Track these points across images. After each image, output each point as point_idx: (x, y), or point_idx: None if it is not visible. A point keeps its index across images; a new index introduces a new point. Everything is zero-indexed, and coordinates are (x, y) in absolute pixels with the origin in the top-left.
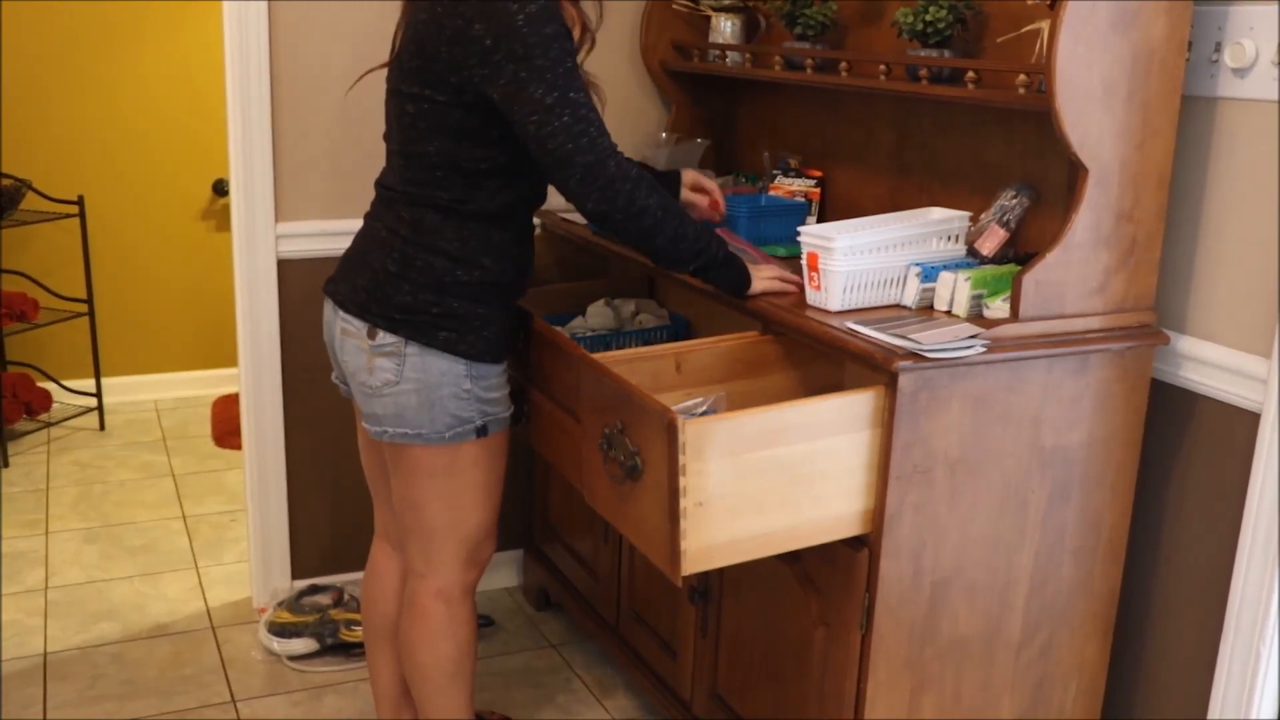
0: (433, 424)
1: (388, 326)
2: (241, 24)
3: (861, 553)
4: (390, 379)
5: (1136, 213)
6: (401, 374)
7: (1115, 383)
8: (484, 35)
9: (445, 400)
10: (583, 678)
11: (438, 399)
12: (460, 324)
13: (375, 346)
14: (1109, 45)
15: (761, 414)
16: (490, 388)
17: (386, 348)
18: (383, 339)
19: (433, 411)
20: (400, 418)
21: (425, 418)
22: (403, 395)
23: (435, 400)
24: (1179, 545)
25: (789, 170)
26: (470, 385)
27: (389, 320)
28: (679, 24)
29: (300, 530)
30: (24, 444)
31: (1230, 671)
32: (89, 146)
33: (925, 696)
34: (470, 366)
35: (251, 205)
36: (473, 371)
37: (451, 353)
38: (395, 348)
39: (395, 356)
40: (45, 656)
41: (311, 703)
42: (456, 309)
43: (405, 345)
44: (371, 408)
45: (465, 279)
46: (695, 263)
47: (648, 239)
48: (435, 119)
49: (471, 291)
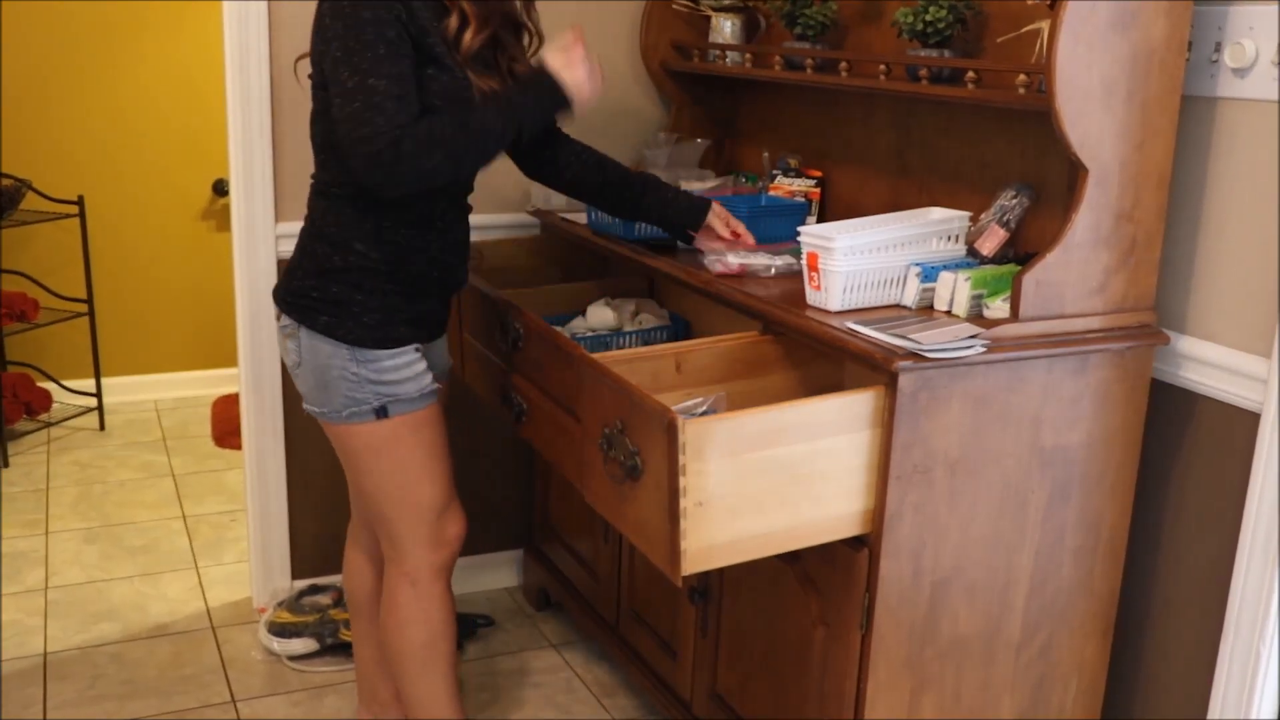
0: (330, 403)
1: (283, 309)
2: (241, 24)
3: (861, 553)
4: (294, 359)
5: (1136, 213)
6: (300, 355)
7: (1115, 383)
8: (325, 13)
9: (335, 381)
10: (583, 678)
11: (329, 380)
12: (338, 309)
13: (280, 328)
14: (1109, 45)
15: (761, 414)
16: (382, 370)
17: (286, 329)
18: (283, 321)
19: (327, 392)
20: (309, 396)
21: (323, 397)
22: (304, 375)
23: (328, 381)
24: (1179, 545)
25: (789, 170)
26: (357, 369)
27: (284, 303)
28: (679, 24)
29: (300, 530)
30: (24, 444)
31: (1230, 671)
32: (89, 146)
33: (925, 696)
34: (352, 351)
35: (251, 205)
36: (356, 355)
37: (330, 337)
38: (290, 330)
39: (293, 339)
40: (45, 656)
41: (311, 703)
42: (335, 294)
43: (297, 328)
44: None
45: (340, 264)
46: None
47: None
48: (316, 101)
49: (348, 277)
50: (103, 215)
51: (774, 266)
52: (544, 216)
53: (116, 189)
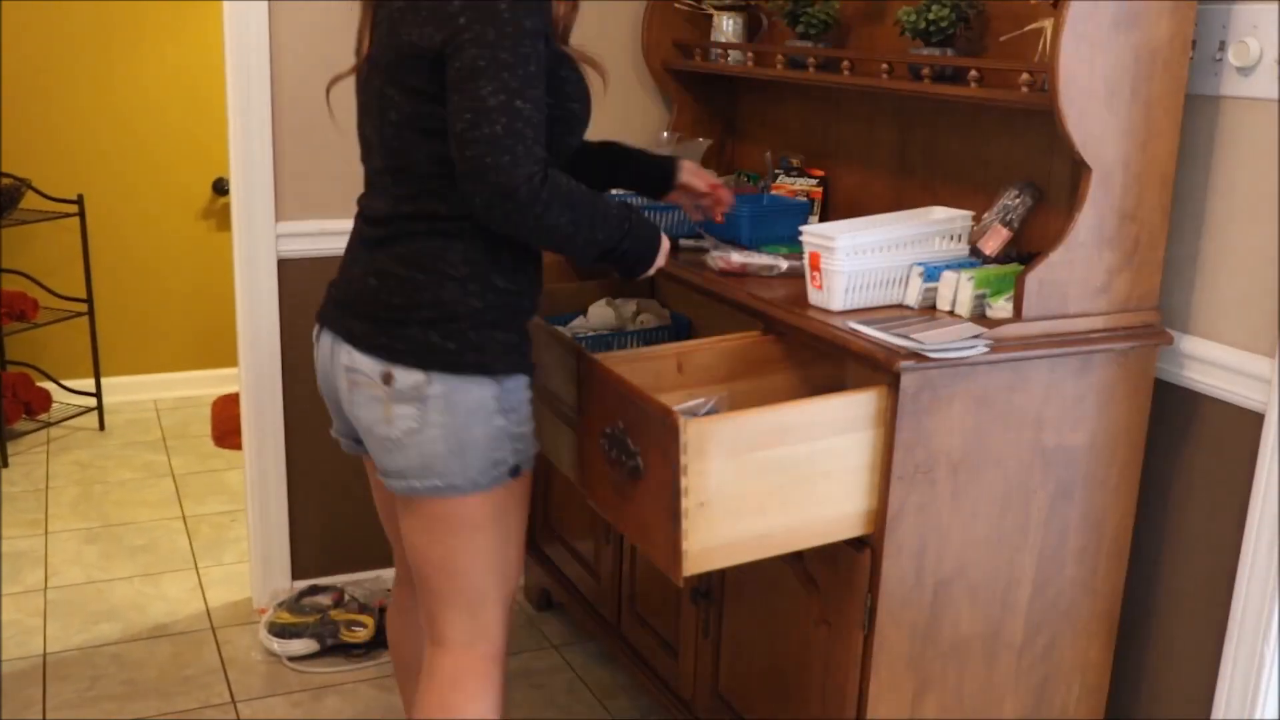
0: (464, 471)
1: (403, 363)
2: (242, 24)
3: (863, 553)
4: (411, 425)
5: (1140, 212)
6: (424, 419)
7: (1118, 383)
8: (460, 12)
9: (476, 442)
10: (584, 678)
11: (468, 441)
12: (480, 352)
13: (389, 393)
14: (1112, 44)
15: (763, 414)
16: (520, 420)
17: (404, 393)
18: (399, 383)
19: (463, 458)
20: (430, 466)
21: (456, 465)
22: (427, 443)
23: (465, 443)
24: (1182, 546)
25: (791, 169)
26: (503, 421)
27: (405, 357)
28: (681, 23)
29: (300, 530)
30: (24, 444)
31: (1234, 672)
32: (89, 146)
33: (927, 697)
34: (500, 391)
35: (252, 204)
36: (504, 402)
37: (483, 375)
38: (411, 391)
39: (413, 401)
40: (45, 657)
41: (312, 703)
42: (474, 339)
43: (426, 383)
44: (393, 462)
45: (478, 305)
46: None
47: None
48: (423, 118)
49: (488, 316)
50: (102, 214)
51: (776, 268)
52: None
53: (116, 188)
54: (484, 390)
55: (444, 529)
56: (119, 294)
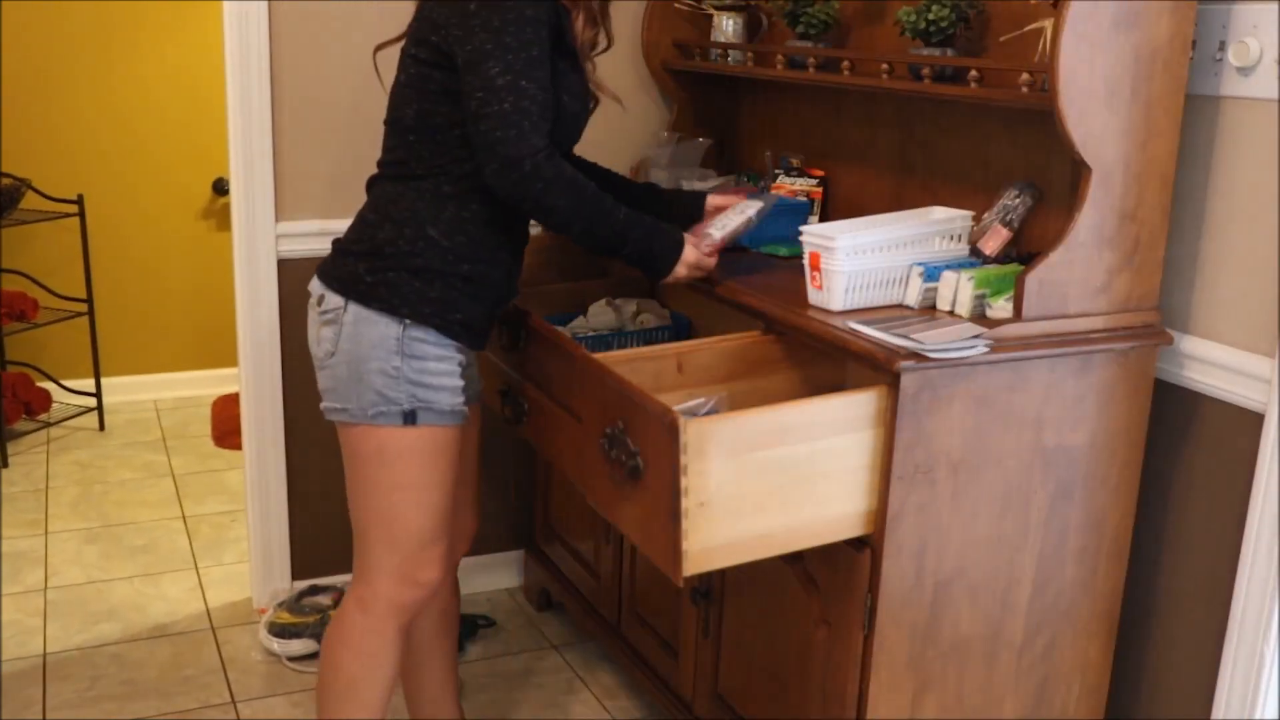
0: (358, 399)
1: (331, 288)
2: (242, 24)
3: (863, 553)
4: (328, 349)
5: (1140, 212)
6: (337, 344)
7: (1118, 383)
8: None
9: (371, 375)
10: (584, 678)
11: (364, 373)
12: (393, 291)
13: (320, 314)
14: (1112, 44)
15: (763, 414)
16: (424, 370)
17: (327, 315)
18: (325, 305)
19: (359, 386)
20: (334, 391)
21: (352, 392)
22: (335, 367)
23: (362, 374)
24: (1182, 546)
25: (791, 169)
26: (399, 363)
27: (333, 282)
28: (681, 23)
29: (300, 531)
30: (24, 444)
31: (1234, 672)
32: (89, 146)
33: (927, 697)
34: (404, 333)
35: (252, 204)
36: (405, 347)
37: (385, 313)
38: (333, 314)
39: (332, 324)
40: (45, 657)
41: (312, 703)
42: (391, 278)
43: (342, 310)
44: (319, 381)
45: (406, 249)
46: (613, 253)
47: (560, 230)
48: (419, 81)
49: (412, 262)
50: (102, 215)
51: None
52: None
53: (116, 188)
54: (387, 329)
55: (348, 459)
56: (119, 294)
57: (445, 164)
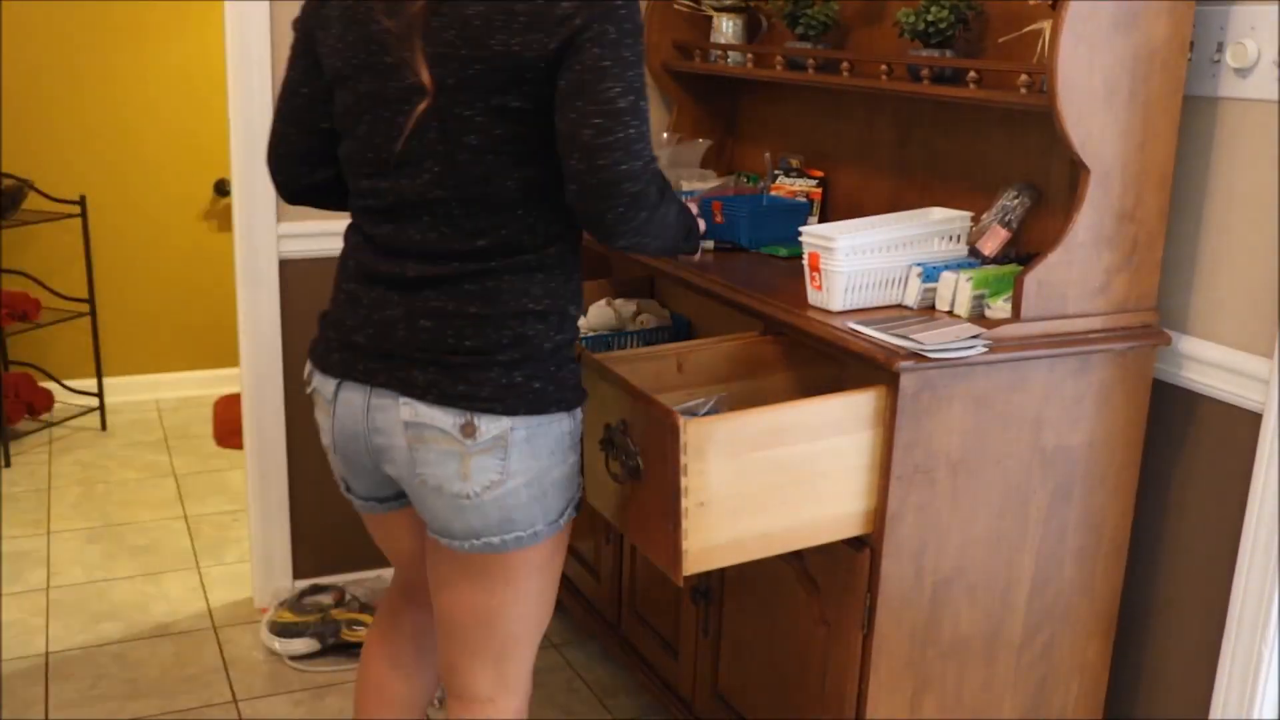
0: (547, 515)
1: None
2: (242, 24)
3: (863, 553)
4: (494, 478)
5: (1138, 213)
6: (508, 469)
7: (1117, 383)
8: (574, 12)
9: (559, 482)
10: (584, 677)
11: (551, 483)
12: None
13: (469, 449)
14: (1111, 45)
15: (763, 414)
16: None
17: (484, 444)
18: (485, 433)
19: (545, 502)
20: (515, 519)
21: (540, 510)
22: (510, 494)
23: (547, 486)
24: (1180, 546)
25: (790, 170)
26: (575, 456)
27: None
28: (680, 24)
29: (302, 530)
30: (26, 444)
31: (1232, 672)
32: (91, 146)
33: (926, 697)
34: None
35: (253, 205)
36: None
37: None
38: (491, 442)
39: (493, 451)
40: (47, 656)
41: (313, 702)
42: (554, 373)
43: (513, 429)
44: (465, 520)
45: (560, 339)
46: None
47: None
48: (515, 141)
49: (565, 351)
50: (104, 215)
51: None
52: None
53: (118, 189)
54: (563, 426)
55: (504, 579)
56: (121, 294)
57: (562, 231)
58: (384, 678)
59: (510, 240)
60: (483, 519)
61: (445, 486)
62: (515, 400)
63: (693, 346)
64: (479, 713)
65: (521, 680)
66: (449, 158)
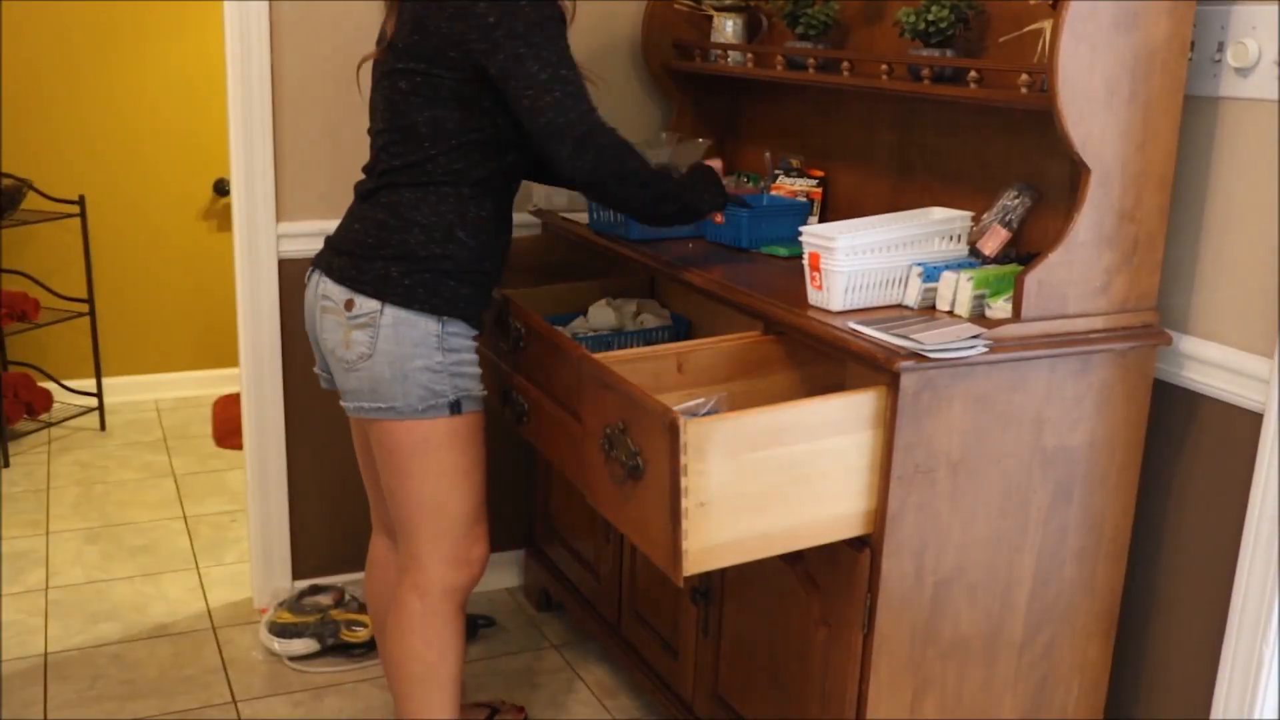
0: (404, 396)
1: (363, 293)
2: (242, 24)
3: (863, 553)
4: (364, 351)
5: (1139, 213)
6: (374, 345)
7: (1117, 383)
8: (487, 13)
9: (415, 372)
10: (584, 678)
11: (408, 371)
12: (429, 292)
13: (349, 319)
14: (1111, 45)
15: (763, 414)
16: (462, 362)
17: (359, 318)
18: (357, 310)
19: (404, 384)
20: (375, 390)
21: (397, 390)
22: (374, 368)
23: (406, 372)
24: (1181, 546)
25: (791, 170)
26: (441, 358)
27: (363, 287)
28: (681, 24)
29: (301, 530)
30: (25, 444)
31: (1233, 672)
32: (90, 146)
33: (927, 697)
34: (443, 330)
35: (253, 205)
36: (445, 342)
37: (427, 312)
38: (366, 318)
39: (367, 327)
40: (46, 657)
41: (312, 703)
42: (426, 279)
43: (378, 313)
44: (347, 383)
45: (438, 252)
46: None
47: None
48: (430, 89)
49: (444, 264)
50: (104, 215)
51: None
52: (545, 216)
53: (117, 189)
54: (429, 327)
55: (387, 450)
56: (120, 294)
57: (463, 168)
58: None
59: (415, 165)
60: (358, 384)
61: (336, 351)
62: (386, 289)
63: (693, 346)
64: (400, 579)
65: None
66: (389, 99)
